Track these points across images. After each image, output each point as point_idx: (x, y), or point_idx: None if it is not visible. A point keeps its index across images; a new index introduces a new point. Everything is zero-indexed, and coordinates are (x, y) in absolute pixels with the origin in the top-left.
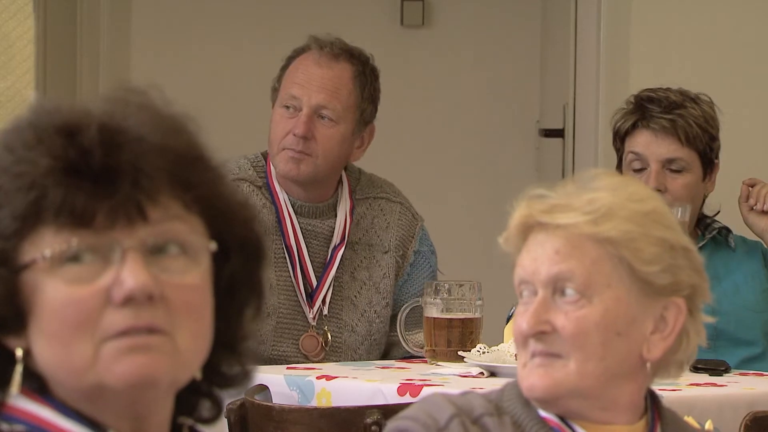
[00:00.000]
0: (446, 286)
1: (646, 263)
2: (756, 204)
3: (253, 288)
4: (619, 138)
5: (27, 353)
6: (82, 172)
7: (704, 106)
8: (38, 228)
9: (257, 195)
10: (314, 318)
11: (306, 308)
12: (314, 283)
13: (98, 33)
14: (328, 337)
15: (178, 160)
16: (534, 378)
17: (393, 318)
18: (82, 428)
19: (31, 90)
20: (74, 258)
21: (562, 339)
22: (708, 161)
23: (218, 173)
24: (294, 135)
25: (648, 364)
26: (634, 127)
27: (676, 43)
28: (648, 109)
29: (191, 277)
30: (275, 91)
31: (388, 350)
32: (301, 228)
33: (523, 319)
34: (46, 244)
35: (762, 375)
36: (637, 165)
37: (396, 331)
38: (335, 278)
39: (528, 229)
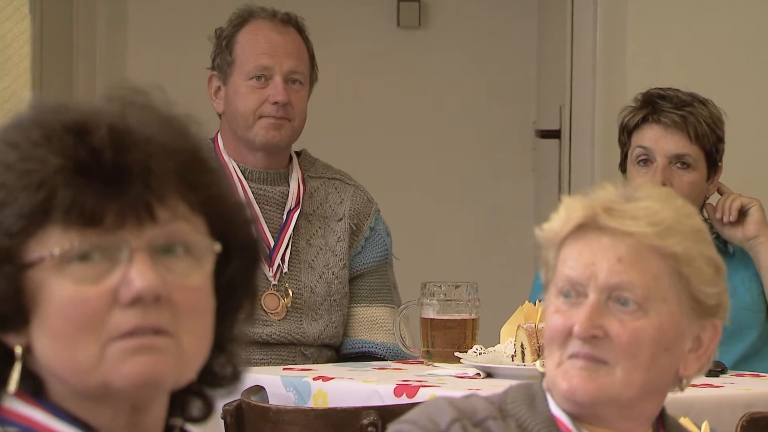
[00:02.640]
0: (442, 287)
1: (705, 283)
2: (723, 217)
3: (249, 290)
4: (627, 132)
5: (25, 352)
6: (93, 172)
7: (712, 108)
8: (46, 226)
9: None
10: (275, 276)
11: (264, 267)
12: (271, 243)
13: (94, 34)
14: (289, 294)
15: (186, 161)
16: (577, 381)
17: (351, 280)
18: (76, 431)
19: (28, 91)
20: (82, 257)
21: (613, 346)
22: (713, 162)
23: (220, 175)
24: (275, 103)
25: (684, 381)
26: (643, 121)
27: (672, 44)
28: (658, 104)
29: (195, 279)
30: (227, 65)
31: (349, 323)
32: (253, 193)
33: (569, 320)
34: (54, 242)
35: (758, 376)
36: (643, 159)
37: (354, 305)
38: (292, 244)
39: (581, 228)
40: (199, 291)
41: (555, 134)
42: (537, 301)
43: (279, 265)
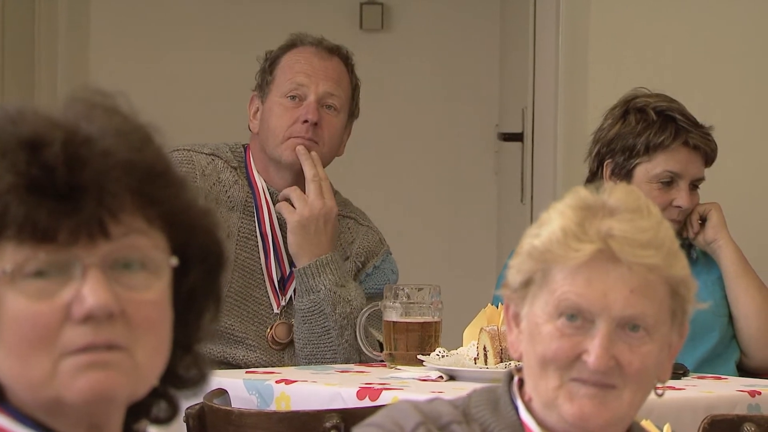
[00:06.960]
0: (405, 290)
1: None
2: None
3: (212, 294)
4: (649, 149)
5: None
6: (45, 190)
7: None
8: (1, 241)
9: (230, 171)
10: (278, 306)
11: (272, 296)
12: (287, 270)
13: (56, 36)
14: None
15: (143, 176)
16: (589, 408)
17: None
18: None
19: None
20: (36, 273)
21: (622, 372)
22: None
23: (181, 186)
24: (304, 122)
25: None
26: (673, 140)
27: (634, 47)
28: (679, 120)
29: (151, 293)
30: (266, 84)
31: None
32: (276, 215)
33: (577, 345)
34: (7, 257)
35: (720, 378)
36: (667, 181)
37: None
38: None
39: (592, 258)
40: (154, 305)
41: (517, 137)
42: (499, 304)
43: (291, 296)
